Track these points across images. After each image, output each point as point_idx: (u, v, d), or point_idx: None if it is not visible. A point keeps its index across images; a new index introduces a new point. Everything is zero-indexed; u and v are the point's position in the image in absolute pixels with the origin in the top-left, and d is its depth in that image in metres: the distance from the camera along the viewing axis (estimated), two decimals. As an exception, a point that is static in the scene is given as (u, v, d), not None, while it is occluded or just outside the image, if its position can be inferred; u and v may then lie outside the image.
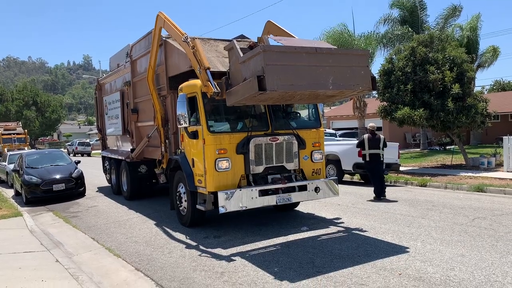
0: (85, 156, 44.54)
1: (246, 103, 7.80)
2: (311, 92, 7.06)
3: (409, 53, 17.31)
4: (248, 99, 7.08)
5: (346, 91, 7.44)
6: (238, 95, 7.14)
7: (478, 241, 7.22)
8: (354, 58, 7.37)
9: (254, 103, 7.87)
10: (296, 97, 7.37)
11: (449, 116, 16.03)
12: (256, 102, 7.64)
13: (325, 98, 7.92)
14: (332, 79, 6.95)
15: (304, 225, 8.68)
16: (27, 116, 68.51)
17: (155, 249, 7.68)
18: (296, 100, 7.97)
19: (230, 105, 7.60)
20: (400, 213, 9.67)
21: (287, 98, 7.39)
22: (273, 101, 7.66)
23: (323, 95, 7.41)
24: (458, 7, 27.98)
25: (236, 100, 7.27)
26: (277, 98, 7.21)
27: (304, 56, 6.81)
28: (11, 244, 8.41)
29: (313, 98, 7.86)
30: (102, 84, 16.32)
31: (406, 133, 32.69)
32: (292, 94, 6.97)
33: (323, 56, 7.00)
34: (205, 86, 7.76)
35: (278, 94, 6.82)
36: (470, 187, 12.85)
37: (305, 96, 7.35)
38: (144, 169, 12.89)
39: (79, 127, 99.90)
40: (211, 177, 7.87)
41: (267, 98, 7.15)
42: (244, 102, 7.55)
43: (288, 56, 6.71)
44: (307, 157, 8.78)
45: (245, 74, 7.01)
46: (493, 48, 29.68)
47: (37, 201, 13.80)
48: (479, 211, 9.68)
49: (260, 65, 6.53)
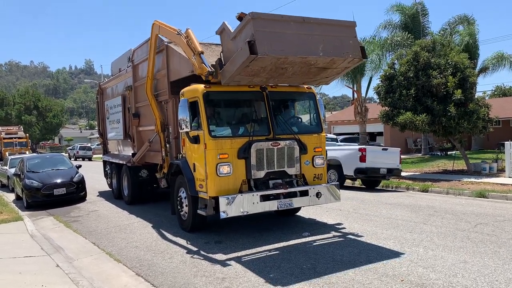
0: (86, 160, 44.55)
1: (241, 82, 7.91)
2: (302, 59, 7.14)
3: (412, 58, 17.33)
4: (241, 71, 7.20)
5: (337, 60, 7.50)
6: (231, 68, 7.28)
7: (481, 247, 7.18)
8: (342, 29, 7.51)
9: (248, 80, 7.84)
10: (288, 70, 7.47)
11: (451, 121, 16.02)
12: (249, 76, 7.62)
13: (317, 72, 7.94)
14: (322, 46, 7.13)
15: (305, 231, 8.64)
16: (28, 120, 68.62)
17: (155, 254, 7.65)
18: (289, 75, 7.83)
19: (225, 83, 7.78)
20: (402, 219, 9.63)
21: (279, 69, 7.43)
22: (266, 75, 7.65)
23: (315, 67, 7.53)
24: (471, 19, 27.80)
25: (230, 74, 7.38)
26: (270, 68, 7.29)
27: (292, 25, 7.01)
28: (11, 249, 8.38)
29: (306, 72, 7.86)
30: (103, 89, 16.35)
31: (407, 138, 32.65)
32: (283, 61, 7.05)
33: (311, 26, 7.18)
34: (199, 69, 8.02)
35: (270, 61, 6.93)
36: (472, 193, 12.81)
37: (297, 66, 7.41)
38: (145, 173, 12.88)
39: (80, 131, 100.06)
40: (212, 182, 7.85)
41: (260, 69, 7.25)
42: (239, 80, 7.66)
43: (276, 23, 6.91)
44: (308, 162, 8.75)
45: (237, 49, 7.17)
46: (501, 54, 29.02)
47: (38, 206, 13.78)
48: (481, 217, 9.64)
49: (250, 32, 6.70)
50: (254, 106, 8.46)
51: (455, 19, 28.21)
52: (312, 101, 9.30)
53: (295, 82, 8.67)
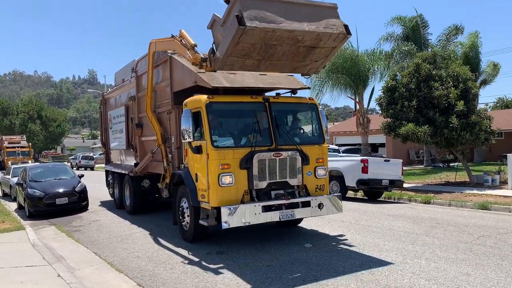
0: (89, 170, 44.54)
1: (234, 67, 8.04)
2: (289, 34, 7.35)
3: (414, 69, 17.40)
4: (232, 51, 7.40)
5: (323, 36, 7.67)
6: (222, 49, 7.51)
7: (483, 259, 7.15)
8: (325, 10, 7.84)
9: (240, 63, 7.95)
10: (278, 50, 7.68)
11: (453, 133, 16.02)
12: (241, 58, 7.76)
13: (306, 53, 8.05)
14: (307, 23, 7.51)
15: (307, 242, 8.62)
16: (31, 130, 68.85)
17: (157, 264, 7.64)
18: (279, 56, 7.96)
19: (219, 68, 7.91)
20: (404, 231, 9.60)
21: (269, 47, 7.58)
22: (258, 56, 7.78)
23: (302, 45, 7.73)
24: (460, 27, 28.14)
25: (222, 56, 7.56)
26: (260, 47, 7.47)
27: (277, 4, 7.32)
28: (13, 258, 8.38)
29: (295, 53, 7.98)
30: (107, 99, 16.44)
31: (409, 150, 32.63)
32: (271, 35, 7.24)
33: (296, 6, 7.54)
34: (193, 59, 8.40)
35: (259, 35, 7.13)
36: (475, 205, 12.76)
37: (286, 45, 7.61)
38: (147, 183, 12.89)
39: (83, 141, 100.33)
40: (214, 192, 7.86)
41: (250, 47, 7.43)
42: (232, 64, 7.84)
43: (262, 3, 7.20)
44: (310, 173, 8.76)
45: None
46: (493, 64, 29.85)
47: (40, 215, 13.78)
48: (484, 229, 9.60)
49: (238, 8, 6.98)
50: (257, 116, 8.50)
51: (449, 30, 28.35)
52: (314, 112, 9.35)
53: (286, 68, 8.67)
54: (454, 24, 28.25)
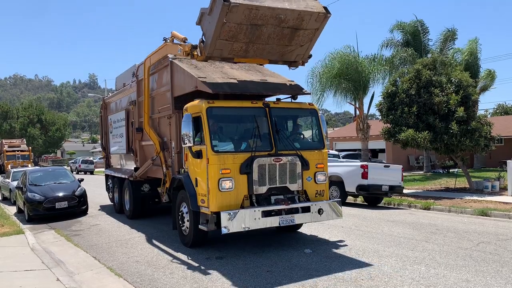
0: (88, 174, 44.57)
1: (224, 53, 8.36)
2: (272, 12, 7.80)
3: (414, 75, 17.45)
4: (220, 33, 7.82)
5: (305, 15, 8.12)
6: (210, 31, 7.93)
7: (483, 266, 7.14)
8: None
9: (229, 48, 8.26)
10: (263, 31, 8.10)
11: (453, 139, 16.03)
12: (229, 41, 8.12)
13: (291, 36, 8.41)
14: (288, 3, 7.94)
15: (307, 247, 8.62)
16: (31, 134, 68.87)
17: (156, 269, 7.63)
18: (265, 39, 8.33)
19: (208, 54, 8.27)
20: (404, 236, 9.59)
21: (254, 29, 8.00)
22: (245, 39, 8.16)
23: (286, 26, 8.16)
24: (453, 29, 28.18)
25: (211, 39, 7.95)
26: (246, 28, 7.89)
27: None
28: (12, 262, 8.37)
29: (280, 36, 8.36)
30: (107, 103, 16.47)
31: (409, 156, 32.64)
32: (255, 14, 7.69)
33: None
34: (185, 48, 8.78)
35: (243, 13, 7.58)
36: (474, 211, 12.76)
37: (270, 26, 8.04)
38: (147, 188, 12.89)
39: (83, 145, 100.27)
40: (214, 197, 7.86)
41: (236, 28, 7.84)
42: (221, 49, 8.20)
43: None
44: (310, 178, 8.77)
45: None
46: (489, 71, 30.07)
47: (40, 219, 13.77)
48: (484, 235, 9.60)
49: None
50: (257, 121, 8.52)
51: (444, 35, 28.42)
52: (314, 117, 9.37)
53: (274, 55, 8.92)
54: (447, 28, 28.27)
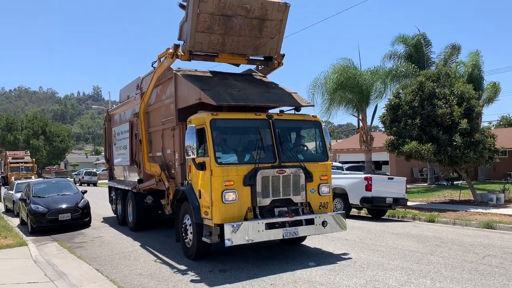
0: (91, 185, 44.59)
1: (203, 46, 9.30)
2: (239, 2, 8.88)
3: (417, 87, 17.47)
4: (196, 25, 8.85)
5: (267, 4, 9.19)
6: (188, 26, 9.02)
7: (489, 279, 7.06)
8: None
9: (207, 41, 9.22)
10: (235, 23, 9.15)
11: (456, 151, 15.98)
12: (206, 33, 9.13)
13: (260, 27, 9.45)
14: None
15: (311, 260, 8.55)
16: (35, 145, 69.15)
17: (159, 282, 7.58)
18: (238, 30, 9.34)
19: (190, 47, 9.21)
20: (409, 249, 9.51)
21: (226, 19, 9.06)
22: (220, 30, 9.15)
23: (254, 16, 9.21)
24: (457, 46, 28.45)
25: (189, 32, 8.95)
26: (219, 19, 8.94)
27: None
28: (15, 274, 8.34)
29: (251, 27, 9.42)
30: (111, 115, 16.54)
31: (413, 168, 32.51)
32: (224, 3, 8.77)
33: None
34: (168, 52, 9.49)
35: (213, 3, 8.66)
36: (479, 224, 12.66)
37: (240, 17, 9.12)
38: (150, 200, 12.88)
39: (86, 156, 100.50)
40: (217, 209, 7.84)
41: (210, 19, 8.89)
42: (200, 42, 9.17)
43: None
44: (314, 190, 8.74)
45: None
46: (494, 84, 30.16)
47: (43, 231, 13.76)
48: (489, 248, 9.51)
49: None
50: (260, 133, 8.54)
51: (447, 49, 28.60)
52: (318, 129, 9.38)
53: (249, 48, 9.81)
54: (452, 43, 28.57)
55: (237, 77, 10.46)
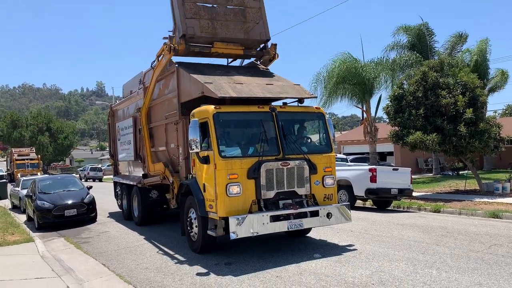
0: (97, 181, 44.77)
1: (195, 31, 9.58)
2: None
3: (420, 77, 17.35)
4: (185, 11, 9.44)
5: None
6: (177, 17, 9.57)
7: (496, 269, 7.04)
8: None
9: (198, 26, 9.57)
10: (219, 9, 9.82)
11: (461, 141, 15.90)
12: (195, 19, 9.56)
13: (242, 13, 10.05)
14: None
15: (316, 252, 8.55)
16: (40, 142, 69.45)
17: (165, 275, 7.61)
18: (223, 16, 9.89)
19: (183, 31, 9.48)
20: (414, 240, 9.49)
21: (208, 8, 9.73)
22: (207, 16, 9.71)
23: (231, 2, 9.95)
24: (464, 35, 28.23)
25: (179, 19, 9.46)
26: (202, 7, 9.58)
27: None
28: (22, 270, 8.40)
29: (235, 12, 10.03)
30: (115, 110, 16.56)
31: (418, 158, 32.42)
32: None
33: None
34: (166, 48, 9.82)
35: None
36: (485, 213, 12.61)
37: (218, 2, 9.83)
38: (156, 194, 12.91)
39: (91, 152, 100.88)
40: (222, 202, 7.85)
41: (194, 6, 9.50)
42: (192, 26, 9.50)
43: None
44: (318, 182, 8.73)
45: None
46: (502, 71, 29.83)
47: (49, 227, 13.84)
48: (496, 238, 9.47)
49: None
50: (264, 126, 8.51)
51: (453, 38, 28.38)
52: (321, 121, 9.34)
53: (240, 32, 10.08)
54: (458, 32, 28.34)
55: (239, 70, 10.42)
